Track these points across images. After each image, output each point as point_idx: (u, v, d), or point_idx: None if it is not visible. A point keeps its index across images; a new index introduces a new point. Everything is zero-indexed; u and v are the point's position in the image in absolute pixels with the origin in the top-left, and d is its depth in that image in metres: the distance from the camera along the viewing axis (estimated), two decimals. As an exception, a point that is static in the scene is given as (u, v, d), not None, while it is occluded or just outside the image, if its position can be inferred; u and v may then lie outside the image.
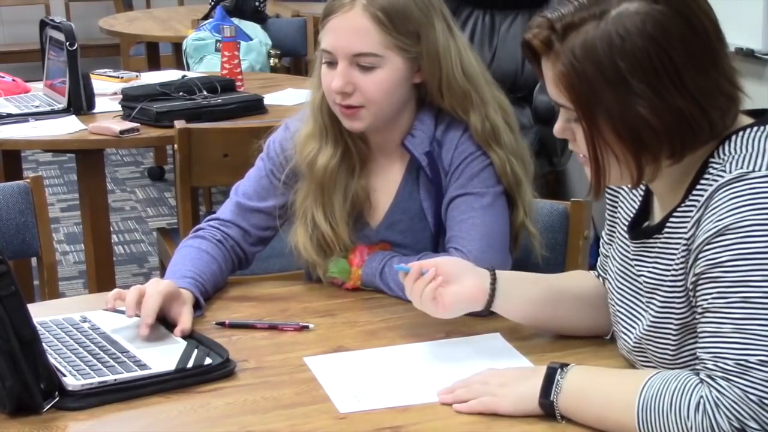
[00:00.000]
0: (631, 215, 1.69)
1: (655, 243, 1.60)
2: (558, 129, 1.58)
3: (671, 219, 1.56)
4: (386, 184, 2.11)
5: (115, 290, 1.89)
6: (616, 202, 1.75)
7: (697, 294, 1.49)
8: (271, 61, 4.80)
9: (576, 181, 4.86)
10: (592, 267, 1.91)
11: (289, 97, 3.76)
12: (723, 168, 1.49)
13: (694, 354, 1.51)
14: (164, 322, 1.89)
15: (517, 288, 1.79)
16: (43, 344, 1.62)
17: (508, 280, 1.78)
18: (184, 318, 1.88)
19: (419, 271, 1.77)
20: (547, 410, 1.55)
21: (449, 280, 1.76)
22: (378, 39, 1.96)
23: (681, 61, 1.46)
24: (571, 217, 2.28)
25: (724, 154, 1.51)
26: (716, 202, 1.47)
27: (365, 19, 1.95)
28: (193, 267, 2.02)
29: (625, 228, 1.69)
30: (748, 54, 3.43)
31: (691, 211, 1.52)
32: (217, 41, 4.55)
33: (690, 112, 1.47)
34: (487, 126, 2.03)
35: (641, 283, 1.62)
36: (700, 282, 1.48)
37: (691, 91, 1.47)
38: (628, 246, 1.67)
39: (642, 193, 1.68)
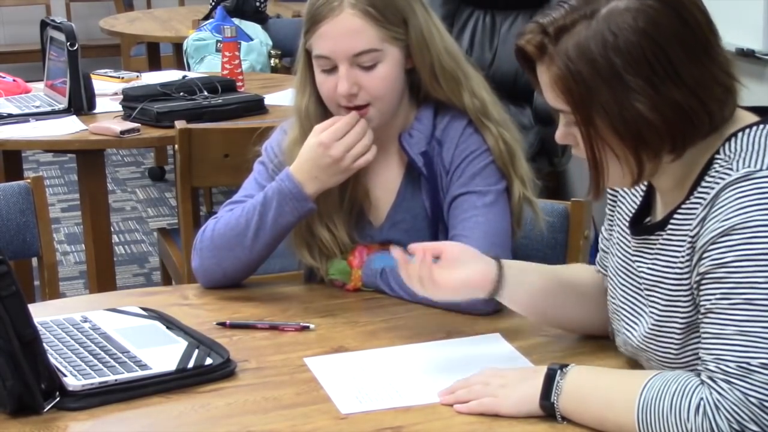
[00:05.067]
0: (632, 211, 1.69)
1: (657, 240, 1.59)
2: (560, 135, 1.57)
3: (675, 216, 1.56)
4: (386, 181, 2.11)
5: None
6: (616, 198, 1.75)
7: (701, 293, 1.49)
8: (272, 61, 4.80)
9: (576, 181, 4.86)
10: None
11: (289, 97, 3.74)
12: (729, 166, 1.49)
13: (698, 353, 1.51)
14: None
15: (523, 277, 1.76)
16: (44, 344, 1.62)
17: (514, 269, 1.76)
18: None
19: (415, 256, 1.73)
20: (548, 412, 1.55)
21: (455, 263, 1.74)
22: (374, 34, 1.97)
23: (675, 53, 1.46)
24: (571, 217, 2.28)
25: (730, 152, 1.51)
26: (722, 201, 1.46)
27: (357, 18, 1.96)
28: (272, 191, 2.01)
29: (626, 224, 1.69)
30: (749, 54, 3.43)
31: (696, 208, 1.51)
32: (217, 41, 4.55)
33: (688, 104, 1.47)
34: (476, 103, 2.05)
35: (641, 280, 1.62)
36: (704, 282, 1.48)
37: (687, 83, 1.47)
38: (629, 242, 1.67)
39: (644, 188, 1.68)
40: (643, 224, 1.65)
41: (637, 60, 1.46)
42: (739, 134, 1.52)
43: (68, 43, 3.48)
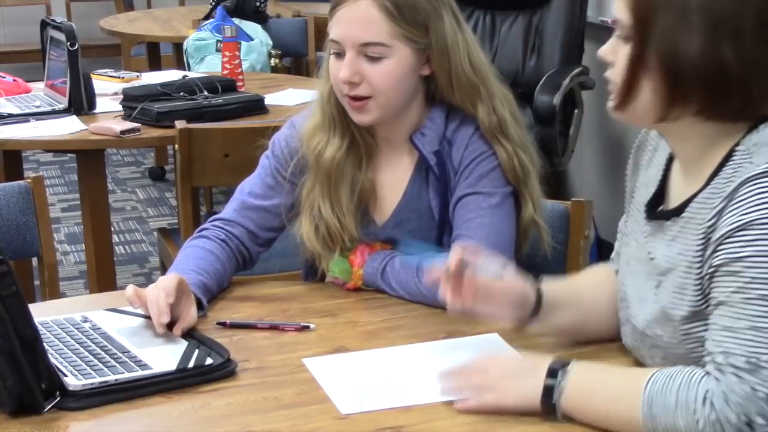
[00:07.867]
0: (649, 196, 1.68)
1: (672, 226, 1.59)
2: (605, 50, 1.57)
3: (692, 204, 1.55)
4: (393, 181, 2.11)
5: (132, 289, 1.88)
6: (635, 182, 1.74)
7: (714, 285, 1.49)
8: (272, 61, 4.81)
9: (576, 181, 4.86)
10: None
11: (289, 97, 3.76)
12: (750, 160, 1.49)
13: (700, 341, 1.51)
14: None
15: (553, 312, 1.76)
16: (44, 344, 1.62)
17: (548, 303, 1.76)
18: (189, 316, 1.88)
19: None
20: (550, 410, 1.55)
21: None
22: (385, 29, 1.97)
23: (748, 22, 1.46)
24: (571, 217, 2.28)
25: (752, 144, 1.50)
26: (742, 195, 1.46)
27: (373, 9, 1.96)
28: (196, 266, 2.02)
29: (641, 211, 1.68)
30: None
31: (714, 200, 1.51)
32: (217, 41, 4.55)
33: (733, 73, 1.47)
34: (494, 119, 2.04)
35: (653, 267, 1.61)
36: (718, 274, 1.48)
37: (744, 54, 1.47)
38: (643, 230, 1.66)
39: (661, 175, 1.67)
40: (658, 210, 1.65)
41: (710, 7, 1.46)
42: (761, 126, 1.51)
43: (68, 43, 3.48)
